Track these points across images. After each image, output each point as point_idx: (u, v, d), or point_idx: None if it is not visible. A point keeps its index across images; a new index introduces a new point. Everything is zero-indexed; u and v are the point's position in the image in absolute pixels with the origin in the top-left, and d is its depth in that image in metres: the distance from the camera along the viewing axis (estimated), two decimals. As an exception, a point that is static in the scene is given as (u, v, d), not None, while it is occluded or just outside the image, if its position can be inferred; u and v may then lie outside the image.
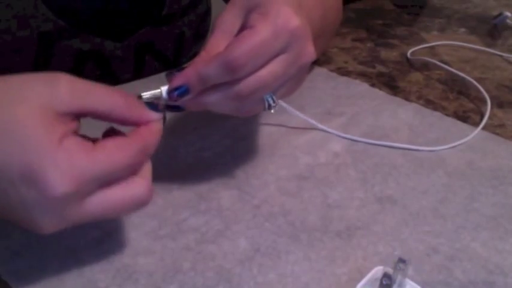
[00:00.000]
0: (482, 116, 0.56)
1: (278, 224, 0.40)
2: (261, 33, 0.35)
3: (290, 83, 0.39)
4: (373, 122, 0.54)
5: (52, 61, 0.56)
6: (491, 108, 0.57)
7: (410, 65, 0.68)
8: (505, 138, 0.52)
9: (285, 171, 0.46)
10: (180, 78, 0.36)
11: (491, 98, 0.59)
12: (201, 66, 0.36)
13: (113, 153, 0.32)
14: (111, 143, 0.32)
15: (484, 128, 0.53)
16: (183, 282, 0.35)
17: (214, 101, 0.38)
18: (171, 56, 0.67)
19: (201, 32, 0.70)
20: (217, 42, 0.38)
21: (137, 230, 0.39)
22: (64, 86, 0.31)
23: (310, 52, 0.38)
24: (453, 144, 0.50)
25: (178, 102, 0.37)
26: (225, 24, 0.38)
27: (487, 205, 0.43)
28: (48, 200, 0.29)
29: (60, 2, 0.54)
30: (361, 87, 0.62)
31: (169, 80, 0.37)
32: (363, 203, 0.43)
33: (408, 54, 0.70)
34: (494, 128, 0.54)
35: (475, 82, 0.62)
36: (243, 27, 0.37)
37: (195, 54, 0.71)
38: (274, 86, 0.38)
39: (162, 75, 0.64)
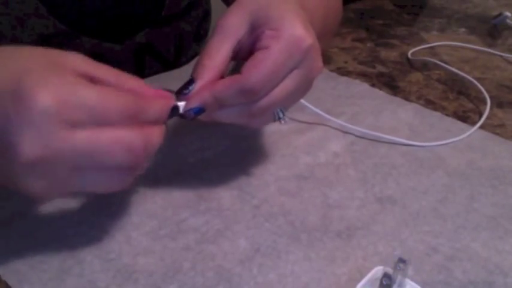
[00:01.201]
0: (481, 116, 0.56)
1: (278, 224, 0.40)
2: (277, 56, 0.36)
3: (297, 95, 0.40)
4: (373, 122, 0.54)
5: None
6: (491, 108, 0.57)
7: (411, 65, 0.68)
8: (505, 138, 0.52)
9: (285, 171, 0.46)
10: (196, 100, 0.37)
11: (491, 98, 0.59)
12: (218, 90, 0.36)
13: (109, 93, 0.31)
14: (110, 88, 0.32)
15: (483, 128, 0.53)
16: (183, 282, 0.35)
17: (227, 116, 0.38)
18: (171, 57, 0.67)
19: (201, 32, 0.70)
20: (219, 45, 0.37)
21: (137, 230, 0.39)
22: (76, 53, 0.33)
23: (319, 67, 0.39)
24: (447, 141, 0.50)
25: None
26: (229, 27, 0.38)
27: (487, 205, 0.43)
28: (31, 111, 0.29)
29: (61, 5, 0.54)
30: (361, 87, 0.62)
31: (179, 98, 0.37)
32: (363, 203, 0.43)
33: (409, 55, 0.70)
34: (494, 128, 0.54)
35: (474, 81, 0.62)
36: (253, 38, 0.37)
37: (195, 55, 0.71)
38: (286, 102, 0.39)
39: (163, 75, 0.64)
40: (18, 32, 0.53)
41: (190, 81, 0.37)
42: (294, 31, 0.36)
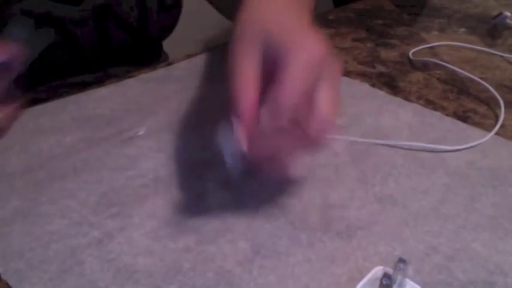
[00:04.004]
0: (481, 116, 0.56)
1: (278, 225, 0.40)
2: (296, 69, 0.36)
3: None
4: (373, 122, 0.54)
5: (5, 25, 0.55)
6: (492, 109, 0.57)
7: (411, 65, 0.68)
8: (505, 138, 0.52)
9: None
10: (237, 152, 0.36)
11: (491, 98, 0.59)
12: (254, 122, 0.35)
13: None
14: None
15: (485, 128, 0.53)
16: (183, 283, 0.35)
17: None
18: (136, 25, 0.65)
19: (166, 3, 0.68)
20: (242, 73, 0.37)
21: (137, 230, 0.39)
22: None
23: (339, 70, 0.40)
24: (463, 146, 0.50)
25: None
26: (248, 75, 0.37)
27: (487, 205, 0.43)
28: None
29: None
30: (362, 87, 0.62)
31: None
32: (363, 203, 0.43)
33: (410, 55, 0.70)
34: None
35: (487, 85, 0.61)
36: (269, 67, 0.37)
37: (163, 28, 0.69)
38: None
39: (161, 71, 0.64)
40: None
41: (236, 117, 0.36)
42: (304, 45, 0.36)
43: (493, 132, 0.52)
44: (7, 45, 0.37)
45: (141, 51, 0.69)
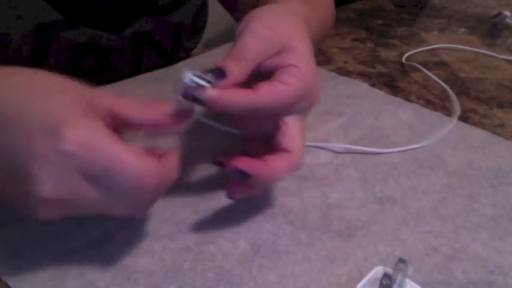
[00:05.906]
0: (481, 116, 0.56)
1: (278, 224, 0.40)
2: (295, 95, 0.37)
3: None
4: (373, 122, 0.54)
5: (49, 53, 0.56)
6: (491, 108, 0.57)
7: (410, 65, 0.68)
8: (505, 138, 0.52)
9: (285, 171, 0.46)
10: (199, 93, 0.35)
11: (491, 97, 0.59)
12: (231, 97, 0.35)
13: (132, 161, 0.32)
14: (138, 156, 0.32)
15: (484, 128, 0.53)
16: (183, 283, 0.35)
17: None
18: (169, 48, 0.67)
19: (198, 24, 0.70)
20: (255, 52, 0.37)
21: (137, 230, 0.39)
22: (102, 91, 0.34)
23: (316, 99, 0.40)
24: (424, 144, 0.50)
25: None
26: (266, 39, 0.38)
27: (487, 205, 0.43)
28: (57, 153, 0.30)
29: None
30: (361, 87, 0.62)
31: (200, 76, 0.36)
32: (363, 203, 0.43)
33: (403, 59, 0.69)
34: (494, 128, 0.54)
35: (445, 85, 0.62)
36: (275, 62, 0.38)
37: (192, 48, 0.70)
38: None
39: (161, 71, 0.64)
40: (15, 22, 0.52)
41: (221, 72, 0.36)
42: (312, 75, 0.38)
43: (454, 121, 0.53)
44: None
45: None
